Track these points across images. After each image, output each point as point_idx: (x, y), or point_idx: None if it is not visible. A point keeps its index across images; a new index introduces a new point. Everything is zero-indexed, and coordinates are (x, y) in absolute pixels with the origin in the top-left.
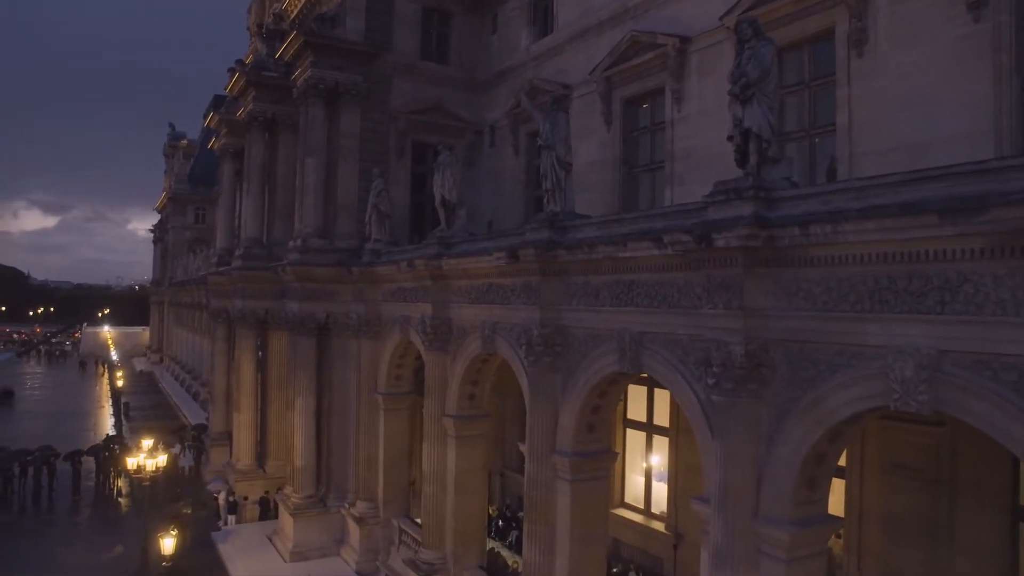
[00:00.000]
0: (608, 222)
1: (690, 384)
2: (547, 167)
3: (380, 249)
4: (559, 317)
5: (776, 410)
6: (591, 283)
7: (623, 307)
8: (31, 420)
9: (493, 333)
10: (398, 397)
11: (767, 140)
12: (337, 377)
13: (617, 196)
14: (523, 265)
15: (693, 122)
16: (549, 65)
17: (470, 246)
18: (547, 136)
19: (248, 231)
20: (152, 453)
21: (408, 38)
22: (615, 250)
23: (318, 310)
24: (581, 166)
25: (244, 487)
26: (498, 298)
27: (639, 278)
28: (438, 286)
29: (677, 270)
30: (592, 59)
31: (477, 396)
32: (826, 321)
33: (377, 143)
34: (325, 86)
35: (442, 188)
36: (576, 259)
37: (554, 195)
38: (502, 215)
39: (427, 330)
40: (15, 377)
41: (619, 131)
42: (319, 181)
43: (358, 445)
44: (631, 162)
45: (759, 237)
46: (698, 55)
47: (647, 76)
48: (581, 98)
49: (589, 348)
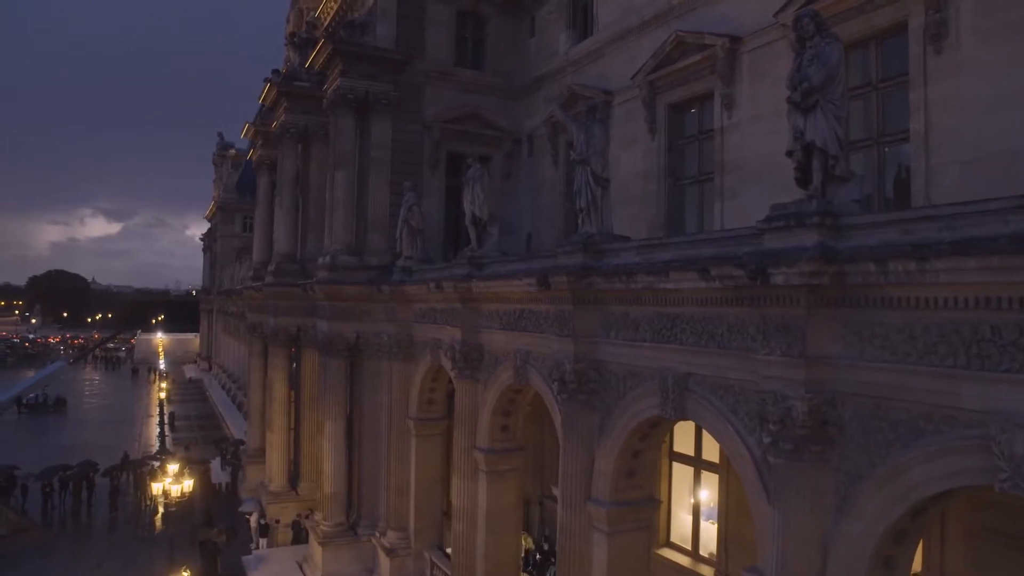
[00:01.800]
0: (649, 246)
1: (742, 438)
2: (582, 183)
3: (411, 267)
4: (595, 350)
5: (845, 477)
6: (630, 315)
7: (666, 343)
8: (81, 428)
9: (525, 364)
10: (430, 423)
11: (834, 156)
12: (368, 400)
13: (662, 210)
14: (555, 293)
15: (745, 130)
16: (589, 70)
17: (501, 267)
18: (582, 149)
19: (280, 246)
20: (178, 478)
21: (441, 44)
22: (656, 280)
23: (348, 330)
24: (623, 177)
25: (276, 509)
26: (531, 325)
27: (684, 312)
28: (468, 310)
29: (727, 304)
30: (634, 62)
31: (510, 428)
32: (908, 375)
33: (410, 154)
34: (355, 96)
35: (472, 204)
36: (613, 288)
37: (589, 214)
38: (541, 229)
39: (456, 356)
40: (71, 384)
41: (664, 140)
42: (349, 195)
43: (389, 472)
44: (677, 173)
45: (825, 273)
46: (750, 56)
47: (694, 80)
48: (623, 105)
49: (628, 387)
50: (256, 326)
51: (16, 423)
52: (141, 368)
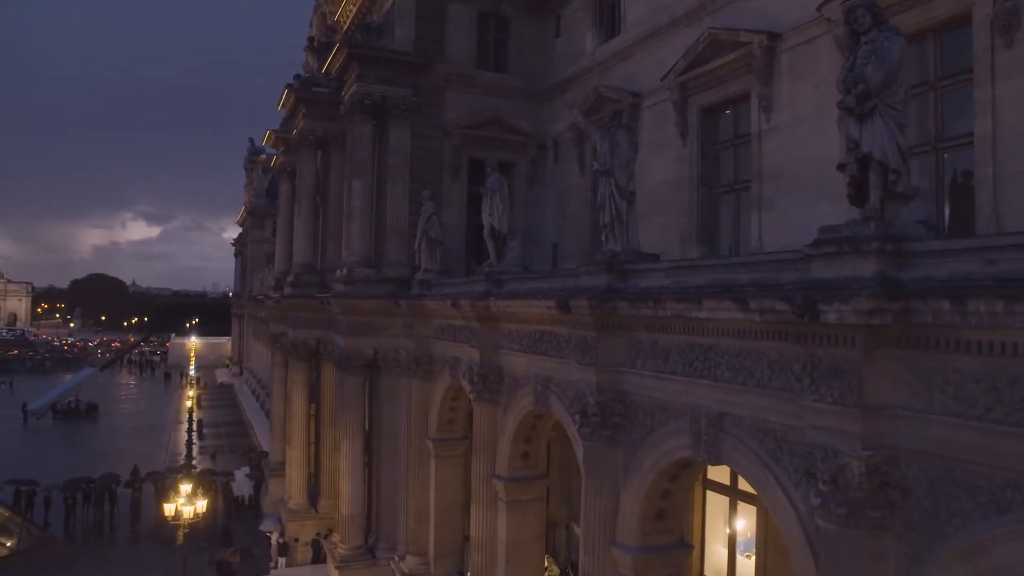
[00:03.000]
0: (679, 268)
1: (786, 492)
2: (605, 196)
3: (430, 280)
4: (619, 380)
5: (910, 549)
6: (659, 343)
7: (698, 378)
8: (111, 435)
9: (546, 390)
10: (450, 443)
11: (895, 170)
12: (386, 418)
13: (695, 220)
14: (576, 317)
15: (784, 134)
16: (616, 71)
17: (521, 285)
18: (605, 159)
19: (299, 256)
20: (191, 499)
21: (462, 46)
22: (687, 308)
23: (365, 346)
24: (653, 185)
25: (295, 527)
26: (552, 349)
27: (718, 343)
28: (486, 329)
29: (768, 338)
30: (664, 63)
31: (532, 455)
32: (991, 435)
33: (430, 162)
34: (372, 101)
35: (491, 216)
36: (639, 314)
37: (613, 231)
38: (567, 239)
39: (475, 379)
40: (106, 388)
41: (696, 145)
42: (367, 205)
43: (408, 494)
44: (710, 181)
45: (888, 312)
46: (790, 54)
47: (728, 80)
48: (652, 107)
49: (656, 423)
50: (277, 337)
51: (51, 429)
52: (174, 372)
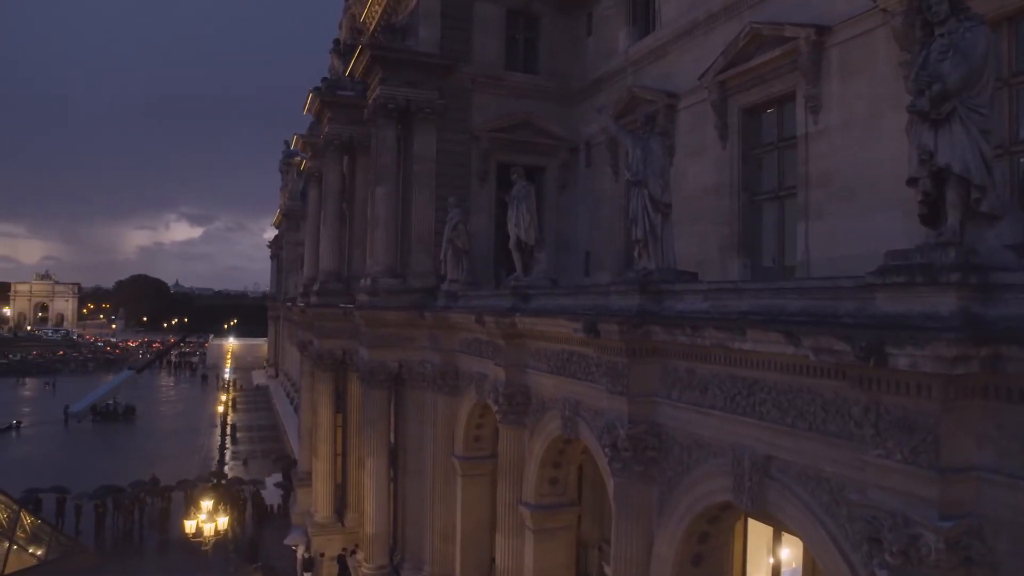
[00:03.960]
0: (720, 291)
1: (842, 552)
2: (638, 209)
3: (456, 291)
4: (653, 411)
5: None
6: (697, 373)
7: (740, 415)
8: (146, 438)
9: (575, 415)
10: (477, 462)
11: (979, 185)
12: (412, 433)
13: (735, 229)
14: (605, 342)
15: (834, 137)
16: (651, 70)
17: (548, 301)
18: (637, 168)
19: (325, 263)
20: (212, 515)
21: (490, 46)
22: (729, 338)
23: (390, 358)
24: (690, 191)
25: (322, 541)
26: (580, 372)
27: (764, 378)
28: (512, 346)
29: (822, 376)
30: (702, 61)
31: (561, 481)
32: None
33: (457, 167)
34: (395, 105)
35: (516, 227)
36: (675, 340)
37: (647, 246)
38: (600, 246)
39: (500, 399)
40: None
41: (737, 148)
42: (391, 212)
43: (434, 513)
44: (752, 187)
45: (973, 359)
46: (840, 49)
47: (772, 79)
48: (689, 109)
49: (694, 460)
50: (305, 345)
51: (90, 431)
52: (211, 374)
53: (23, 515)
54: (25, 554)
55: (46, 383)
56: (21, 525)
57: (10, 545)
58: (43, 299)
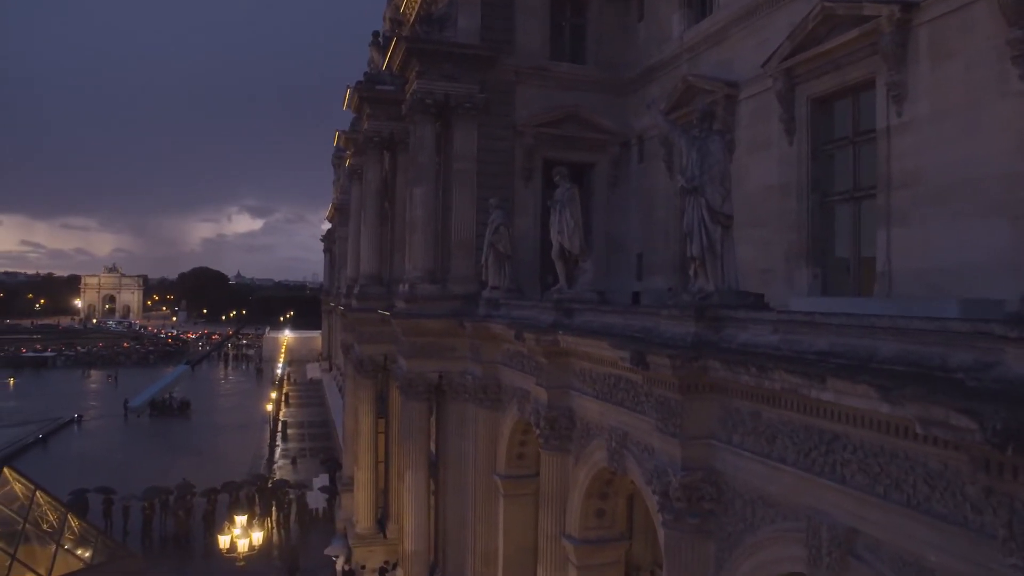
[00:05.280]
0: (793, 324)
1: None
2: (693, 221)
3: (498, 299)
4: (710, 456)
5: None
6: (763, 417)
7: (817, 476)
8: (200, 434)
9: (622, 448)
10: (520, 481)
11: None
12: (452, 447)
13: (804, 235)
14: (655, 375)
15: (922, 130)
16: (708, 57)
17: (594, 318)
18: (693, 174)
19: (365, 265)
20: (246, 530)
21: (534, 35)
22: (805, 384)
23: (429, 369)
24: (751, 191)
25: (362, 553)
26: (628, 400)
27: (848, 433)
28: (554, 366)
29: (927, 442)
30: (766, 46)
31: (608, 513)
32: None
33: (499, 165)
34: (434, 100)
35: (560, 234)
36: (738, 378)
37: (704, 265)
38: (653, 247)
39: (541, 423)
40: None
41: (806, 143)
42: (430, 214)
43: (475, 534)
44: (824, 187)
45: None
46: (930, 28)
47: (848, 64)
48: (751, 99)
49: (759, 518)
50: (347, 348)
51: (148, 426)
52: (266, 368)
53: (70, 517)
54: (72, 557)
55: (109, 375)
56: (69, 527)
57: (57, 548)
58: (111, 291)
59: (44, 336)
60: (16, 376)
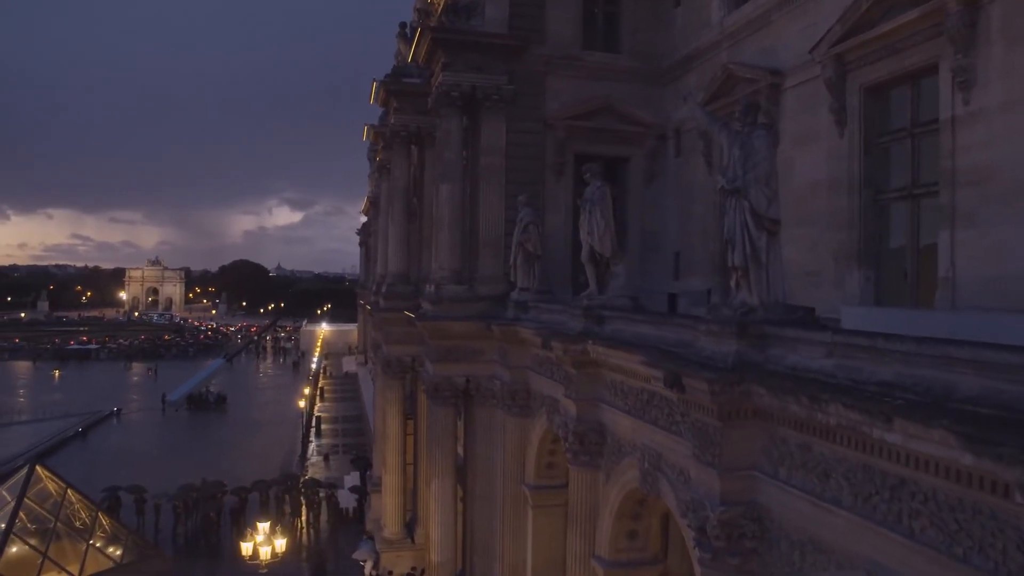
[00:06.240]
0: (851, 347)
1: None
2: (735, 226)
3: (526, 301)
4: (753, 490)
5: None
6: (813, 451)
7: (879, 525)
8: (235, 429)
9: (655, 470)
10: (550, 492)
11: None
12: (480, 455)
13: (855, 235)
14: (692, 399)
15: (995, 121)
16: (750, 43)
17: (626, 327)
18: (735, 173)
19: (392, 264)
20: (269, 538)
21: (566, 23)
22: (866, 423)
23: (456, 373)
24: (798, 187)
25: (390, 558)
26: (663, 419)
27: (919, 480)
28: (584, 377)
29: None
30: (813, 30)
31: (641, 534)
32: None
33: (529, 160)
34: (460, 93)
35: (590, 236)
36: (786, 407)
37: (747, 274)
38: (692, 246)
39: (570, 438)
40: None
41: (858, 135)
42: (456, 211)
43: (503, 545)
44: (877, 183)
45: None
46: (1003, 6)
47: (906, 48)
48: (797, 88)
49: (808, 565)
50: (377, 347)
51: (185, 420)
52: (302, 361)
53: (101, 516)
54: (102, 556)
55: (149, 368)
56: (99, 525)
57: (88, 546)
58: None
59: (90, 328)
60: (61, 368)
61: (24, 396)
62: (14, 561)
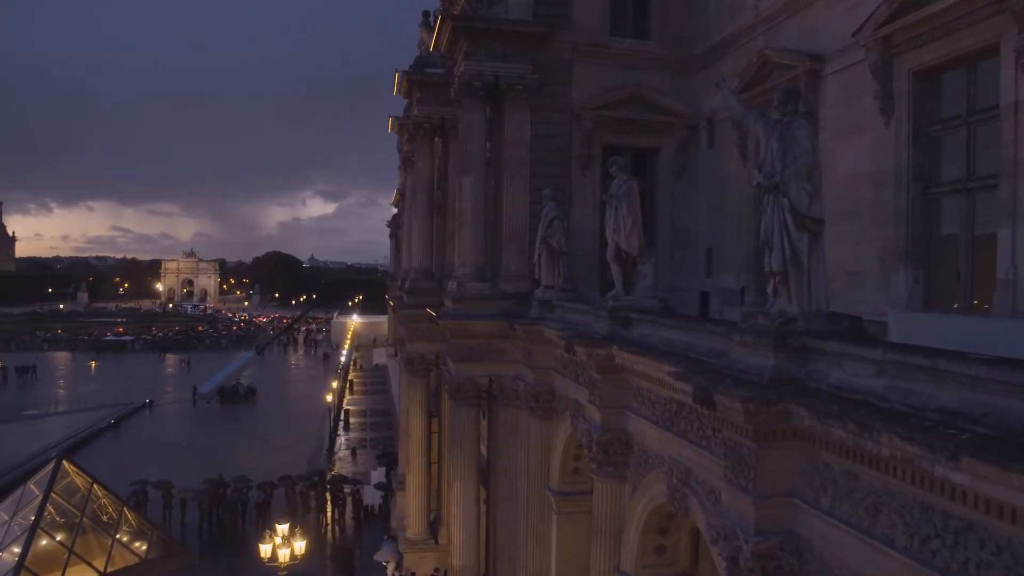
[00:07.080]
0: (906, 367)
1: None
2: (773, 227)
3: (551, 300)
4: (791, 518)
5: None
6: (861, 480)
7: (939, 568)
8: (263, 422)
9: (684, 486)
10: (575, 498)
11: None
12: (503, 456)
13: (903, 231)
14: (724, 416)
15: None
16: (788, 27)
17: (653, 331)
18: (772, 167)
19: (415, 259)
20: (288, 540)
21: (592, 9)
22: (926, 457)
23: (479, 373)
24: (840, 179)
25: (413, 559)
26: (692, 432)
27: (991, 528)
28: (609, 383)
29: None
30: (857, 11)
31: (669, 549)
32: None
33: (554, 152)
34: (483, 83)
35: (616, 233)
36: (830, 432)
37: (786, 280)
38: (724, 242)
39: (594, 447)
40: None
41: (906, 124)
42: (479, 206)
43: (526, 552)
44: (927, 176)
45: None
46: None
47: (961, 28)
48: (839, 74)
49: None
50: (401, 343)
51: (216, 412)
52: (333, 354)
53: (126, 511)
54: (127, 551)
55: (182, 359)
56: (125, 521)
57: (113, 541)
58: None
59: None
60: (98, 359)
61: (63, 387)
62: (41, 555)
